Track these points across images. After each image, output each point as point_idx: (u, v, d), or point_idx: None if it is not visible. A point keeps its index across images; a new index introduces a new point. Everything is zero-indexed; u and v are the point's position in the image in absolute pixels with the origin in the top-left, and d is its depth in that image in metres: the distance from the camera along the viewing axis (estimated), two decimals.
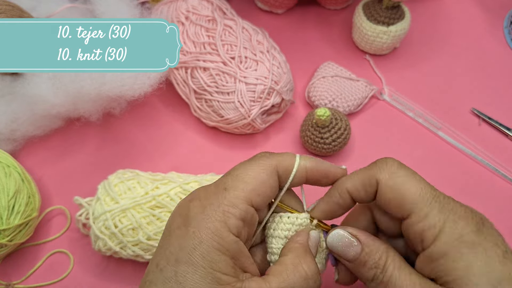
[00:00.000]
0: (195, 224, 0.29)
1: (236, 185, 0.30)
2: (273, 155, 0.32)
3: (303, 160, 0.33)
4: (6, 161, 0.49)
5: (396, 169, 0.31)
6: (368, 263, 0.31)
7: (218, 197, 0.29)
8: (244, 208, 0.29)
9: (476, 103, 0.60)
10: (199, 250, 0.28)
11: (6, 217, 0.45)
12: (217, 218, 0.28)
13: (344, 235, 0.32)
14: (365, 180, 0.32)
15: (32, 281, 0.49)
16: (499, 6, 0.69)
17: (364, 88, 0.59)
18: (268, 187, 0.31)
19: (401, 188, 0.30)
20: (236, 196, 0.29)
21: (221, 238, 0.28)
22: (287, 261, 0.31)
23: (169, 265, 0.28)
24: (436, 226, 0.29)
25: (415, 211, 0.29)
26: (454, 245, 0.28)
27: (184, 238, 0.28)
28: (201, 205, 0.29)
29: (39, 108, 0.52)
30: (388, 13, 0.59)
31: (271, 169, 0.31)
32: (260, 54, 0.54)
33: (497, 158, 0.56)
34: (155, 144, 0.58)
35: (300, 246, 0.32)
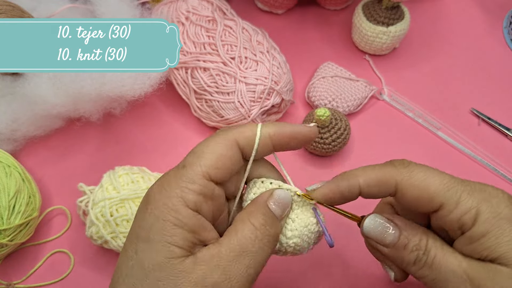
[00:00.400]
0: (153, 203, 0.29)
1: (194, 161, 0.30)
2: (231, 128, 0.32)
3: (265, 127, 0.32)
4: (6, 161, 0.49)
5: (414, 167, 0.31)
6: (408, 245, 0.31)
7: (176, 175, 0.30)
8: (202, 183, 0.29)
9: (475, 103, 0.60)
10: (156, 226, 0.28)
11: (6, 217, 0.45)
12: (174, 195, 0.29)
13: (380, 220, 0.32)
14: (382, 179, 0.31)
15: (33, 281, 0.49)
16: (498, 6, 0.69)
17: (363, 88, 0.59)
18: (227, 159, 0.30)
19: (425, 184, 0.30)
20: (193, 172, 0.29)
21: (177, 212, 0.28)
22: (237, 219, 0.31)
23: (131, 244, 0.29)
24: (471, 209, 0.29)
25: (445, 201, 0.29)
26: (493, 223, 0.28)
27: (143, 217, 0.29)
28: (161, 185, 0.30)
29: (39, 108, 0.52)
30: (387, 13, 0.59)
31: (230, 142, 0.31)
32: (260, 55, 0.55)
33: (497, 158, 0.56)
34: (156, 144, 0.58)
35: (254, 203, 0.32)
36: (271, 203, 0.32)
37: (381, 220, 0.32)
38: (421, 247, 0.30)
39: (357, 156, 0.56)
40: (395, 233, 0.31)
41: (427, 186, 0.30)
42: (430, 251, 0.30)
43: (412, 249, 0.30)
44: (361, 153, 0.57)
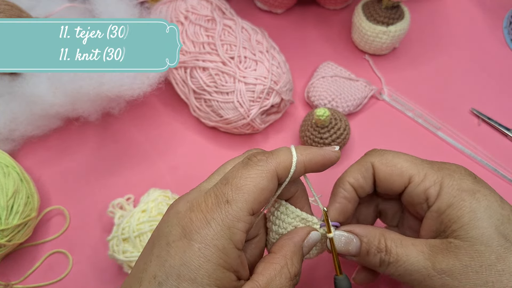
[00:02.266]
0: (200, 240, 0.28)
1: (238, 197, 0.29)
2: (270, 157, 0.31)
3: (300, 155, 0.32)
4: (4, 161, 0.49)
5: (386, 151, 0.35)
6: (370, 251, 0.33)
7: (221, 211, 0.28)
8: (248, 221, 0.29)
9: (475, 103, 0.60)
10: (205, 268, 0.27)
11: (5, 217, 0.45)
12: (223, 235, 0.28)
13: (341, 234, 0.34)
14: (361, 168, 0.35)
15: (31, 281, 0.49)
16: (498, 6, 0.69)
17: (363, 88, 0.59)
18: (269, 193, 0.30)
19: (394, 161, 0.34)
20: (239, 209, 0.28)
21: (227, 256, 0.28)
22: (275, 260, 0.31)
23: (169, 280, 0.27)
24: (436, 183, 0.32)
25: (413, 174, 0.33)
26: (456, 195, 0.31)
27: (187, 253, 0.27)
28: (204, 218, 0.28)
29: (38, 108, 0.51)
30: (387, 13, 0.59)
31: (271, 174, 0.30)
32: (260, 54, 0.54)
33: (496, 158, 0.56)
34: (154, 144, 0.57)
35: (292, 244, 0.32)
36: (305, 244, 0.33)
37: (343, 234, 0.34)
38: (381, 249, 0.32)
39: (357, 156, 0.56)
40: (357, 243, 0.33)
41: (397, 163, 0.34)
42: (391, 251, 0.32)
43: (374, 252, 0.33)
44: (361, 153, 0.56)
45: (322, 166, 0.33)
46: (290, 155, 0.32)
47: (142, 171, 0.55)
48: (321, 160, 0.33)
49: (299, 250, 0.32)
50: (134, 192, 0.53)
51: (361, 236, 0.33)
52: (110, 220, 0.52)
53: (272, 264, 0.31)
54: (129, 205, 0.51)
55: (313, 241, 0.33)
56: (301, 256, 0.32)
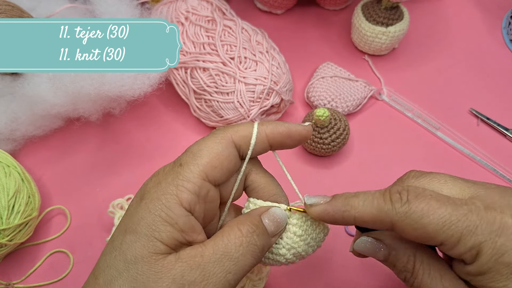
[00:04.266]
0: (148, 197, 0.29)
1: (190, 160, 0.30)
2: (228, 127, 0.32)
3: (262, 126, 0.32)
4: (6, 161, 0.49)
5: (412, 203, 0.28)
6: (397, 265, 0.31)
7: (173, 172, 0.30)
8: (198, 183, 0.29)
9: (474, 103, 0.60)
10: (146, 219, 0.28)
11: (6, 217, 0.45)
12: (169, 192, 0.29)
13: (368, 241, 0.32)
14: (376, 215, 0.29)
15: (32, 280, 0.49)
16: (497, 6, 0.69)
17: (363, 89, 0.59)
18: (224, 158, 0.30)
19: (422, 223, 0.28)
20: (190, 171, 0.29)
21: (170, 210, 0.28)
22: (226, 226, 0.31)
23: (119, 235, 0.29)
24: (472, 249, 0.27)
25: (445, 240, 0.28)
26: (492, 266, 0.27)
27: (136, 210, 0.29)
28: (157, 180, 0.30)
29: (39, 108, 0.52)
30: (387, 13, 0.59)
31: (226, 141, 0.31)
32: (260, 55, 0.55)
33: (495, 158, 0.56)
34: (155, 144, 0.58)
35: (247, 214, 0.32)
36: (265, 218, 0.32)
37: (370, 241, 0.32)
38: (408, 269, 0.30)
39: (356, 156, 0.56)
40: (384, 252, 0.32)
41: (425, 226, 0.28)
42: (417, 276, 0.30)
43: (401, 269, 0.31)
44: (360, 153, 0.57)
45: (288, 137, 0.32)
46: (251, 126, 0.32)
47: (142, 171, 0.56)
48: (285, 131, 0.32)
49: (255, 217, 0.31)
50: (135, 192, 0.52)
51: (390, 247, 0.31)
52: (110, 219, 0.52)
53: (222, 229, 0.30)
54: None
55: (275, 215, 0.32)
56: (259, 222, 0.31)
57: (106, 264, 0.29)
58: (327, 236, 0.36)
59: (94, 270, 0.30)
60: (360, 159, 0.56)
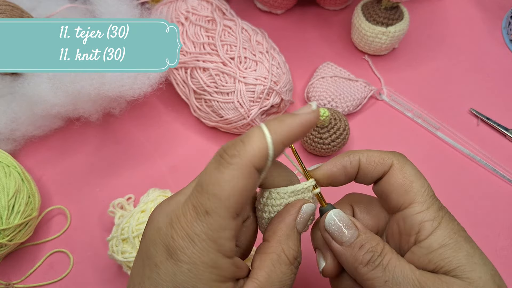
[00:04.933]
0: (187, 260, 0.26)
1: (217, 205, 0.26)
2: (243, 150, 0.27)
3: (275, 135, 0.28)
4: (6, 161, 0.49)
5: (410, 163, 0.33)
6: (365, 246, 0.31)
7: (202, 224, 0.26)
8: (233, 227, 0.27)
9: (474, 103, 0.60)
10: (199, 287, 0.26)
11: (6, 217, 0.45)
12: (210, 250, 0.26)
13: (342, 216, 0.32)
14: (379, 158, 0.33)
15: (32, 280, 0.49)
16: (497, 7, 0.69)
17: (363, 89, 0.59)
18: (249, 190, 0.28)
19: (411, 177, 0.32)
20: (221, 218, 0.26)
21: (220, 269, 0.27)
22: (269, 250, 0.30)
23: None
24: (435, 219, 0.31)
25: (418, 201, 0.31)
26: (453, 237, 0.30)
27: (178, 276, 0.26)
28: (187, 236, 0.27)
29: (39, 108, 0.52)
30: (387, 13, 0.59)
31: (248, 171, 0.27)
32: (260, 55, 0.55)
33: (495, 158, 0.56)
34: (155, 144, 0.58)
35: (285, 227, 0.31)
36: (298, 221, 0.32)
37: (344, 217, 0.32)
38: (377, 250, 0.31)
39: None
40: (353, 232, 0.31)
41: (412, 180, 0.32)
42: (385, 255, 0.30)
43: (368, 249, 0.31)
44: None
45: (303, 133, 0.30)
46: (264, 139, 0.28)
47: (142, 171, 0.56)
48: (299, 129, 0.30)
49: (293, 230, 0.31)
50: (135, 192, 0.53)
51: (360, 231, 0.31)
52: (111, 219, 0.52)
53: (268, 254, 0.30)
54: (129, 205, 0.51)
55: (307, 215, 0.32)
56: (297, 235, 0.31)
57: None
58: None
59: None
60: None
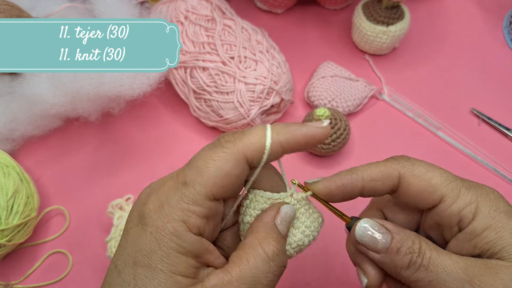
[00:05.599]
0: (151, 224, 0.26)
1: (197, 179, 0.27)
2: (239, 138, 0.28)
3: (276, 135, 0.28)
4: (4, 161, 0.49)
5: (415, 161, 0.31)
6: (401, 249, 0.30)
7: (176, 193, 0.27)
8: (206, 206, 0.27)
9: (475, 103, 0.60)
10: (157, 253, 0.26)
11: (5, 217, 0.45)
12: (176, 218, 0.26)
13: (371, 224, 0.31)
14: (385, 172, 0.31)
15: (31, 281, 0.49)
16: (498, 6, 0.69)
17: (363, 88, 0.59)
18: (234, 177, 0.27)
19: (427, 176, 0.30)
20: (197, 192, 0.26)
21: (180, 240, 0.26)
22: (247, 245, 0.28)
23: (127, 268, 0.27)
24: (472, 203, 0.29)
25: (447, 194, 0.30)
26: (493, 216, 0.29)
27: (141, 239, 0.27)
28: (158, 201, 0.27)
29: (38, 108, 0.51)
30: (387, 13, 0.59)
31: (237, 157, 0.27)
32: (260, 54, 0.54)
33: (497, 158, 0.56)
34: (154, 144, 0.57)
35: (263, 226, 0.29)
36: (279, 222, 0.30)
37: (373, 224, 0.31)
38: (414, 249, 0.29)
39: (357, 156, 0.56)
40: (387, 237, 0.30)
41: (430, 178, 0.30)
42: (424, 253, 0.29)
43: (406, 252, 0.29)
44: (361, 153, 0.57)
45: (305, 145, 0.30)
46: (264, 135, 0.28)
47: (142, 171, 0.55)
48: (302, 139, 0.29)
49: (273, 228, 0.29)
50: (134, 192, 0.53)
51: (393, 232, 0.30)
52: (109, 220, 0.52)
53: (244, 249, 0.28)
54: (128, 206, 0.51)
55: (287, 216, 0.30)
56: (278, 234, 0.29)
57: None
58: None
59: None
60: (360, 159, 0.56)
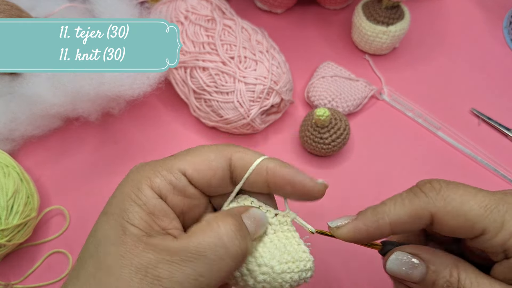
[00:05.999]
0: (126, 178, 0.29)
1: (179, 155, 0.30)
2: (235, 146, 0.30)
3: (267, 161, 0.29)
4: (4, 161, 0.49)
5: (447, 191, 0.27)
6: (438, 282, 0.28)
7: (156, 162, 0.30)
8: (175, 174, 0.28)
9: (475, 103, 0.60)
10: (117, 199, 0.28)
11: (4, 217, 0.45)
12: (144, 175, 0.28)
13: (404, 258, 0.29)
14: (413, 213, 0.28)
15: (31, 281, 0.49)
16: (498, 6, 0.69)
17: (363, 88, 0.59)
18: (211, 166, 0.29)
19: (463, 210, 0.27)
20: (171, 163, 0.29)
21: (139, 191, 0.27)
22: (204, 221, 0.28)
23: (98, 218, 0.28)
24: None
25: (488, 226, 0.26)
26: None
27: (114, 193, 0.29)
28: (140, 166, 0.30)
29: (38, 108, 0.51)
30: (387, 13, 0.59)
31: (223, 154, 0.29)
32: (260, 54, 0.54)
33: (497, 158, 0.56)
34: (154, 144, 0.57)
35: (227, 210, 0.29)
36: (245, 218, 0.29)
37: (406, 257, 0.29)
38: (452, 282, 0.28)
39: (357, 156, 0.56)
40: (422, 269, 0.28)
41: (466, 213, 0.26)
42: (464, 285, 0.27)
43: (443, 285, 0.28)
44: (361, 153, 0.57)
45: (290, 185, 0.29)
46: (256, 155, 0.30)
47: None
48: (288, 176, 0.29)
49: (235, 214, 0.28)
50: None
51: (428, 262, 0.28)
52: None
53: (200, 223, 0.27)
54: None
55: (256, 215, 0.29)
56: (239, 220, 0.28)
57: (83, 249, 0.27)
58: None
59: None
60: (360, 159, 0.56)
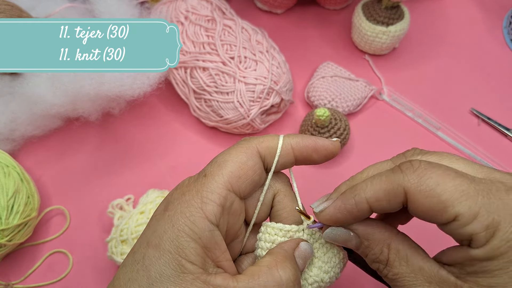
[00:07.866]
0: (172, 208, 0.28)
1: (215, 171, 0.29)
2: (254, 138, 0.31)
3: (287, 138, 0.31)
4: (5, 161, 0.49)
5: (424, 170, 0.26)
6: (369, 256, 0.29)
7: (197, 183, 0.29)
8: (223, 193, 0.28)
9: (475, 103, 0.60)
10: (169, 234, 0.27)
11: (5, 217, 0.45)
12: (194, 204, 0.28)
13: (338, 231, 0.30)
14: (389, 188, 0.27)
15: (31, 281, 0.49)
16: (498, 6, 0.69)
17: (363, 88, 0.59)
18: (249, 168, 0.30)
19: (436, 191, 0.25)
20: (214, 181, 0.28)
21: (194, 224, 0.27)
22: (263, 263, 0.29)
23: (141, 248, 0.28)
24: (489, 228, 0.24)
25: (461, 213, 0.25)
26: (505, 250, 0.24)
27: (159, 222, 0.28)
28: (182, 191, 0.29)
29: (38, 108, 0.52)
30: (387, 13, 0.59)
31: (251, 150, 0.30)
32: (260, 54, 0.54)
33: (496, 158, 0.56)
34: (154, 144, 0.57)
35: (283, 251, 0.30)
36: (297, 255, 0.30)
37: (340, 229, 0.30)
38: (381, 260, 0.28)
39: (357, 156, 0.56)
40: (356, 241, 0.30)
41: (440, 194, 0.25)
42: (392, 266, 0.28)
43: (373, 259, 0.29)
44: (361, 153, 0.57)
45: (315, 151, 0.31)
46: (276, 137, 0.31)
47: (142, 171, 0.55)
48: (311, 144, 0.31)
49: (291, 256, 0.29)
50: (134, 192, 0.53)
51: (362, 237, 0.29)
52: (110, 220, 0.52)
53: (259, 266, 0.28)
54: (128, 206, 0.51)
55: (306, 252, 0.30)
56: (295, 264, 0.29)
57: (127, 277, 0.27)
58: None
59: (113, 282, 0.28)
60: (360, 159, 0.56)
